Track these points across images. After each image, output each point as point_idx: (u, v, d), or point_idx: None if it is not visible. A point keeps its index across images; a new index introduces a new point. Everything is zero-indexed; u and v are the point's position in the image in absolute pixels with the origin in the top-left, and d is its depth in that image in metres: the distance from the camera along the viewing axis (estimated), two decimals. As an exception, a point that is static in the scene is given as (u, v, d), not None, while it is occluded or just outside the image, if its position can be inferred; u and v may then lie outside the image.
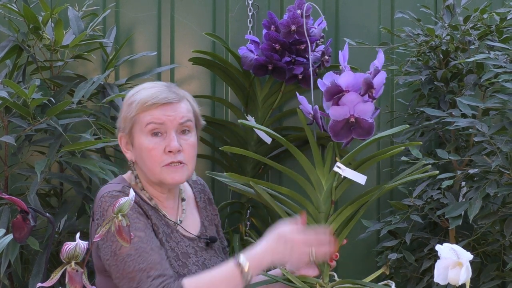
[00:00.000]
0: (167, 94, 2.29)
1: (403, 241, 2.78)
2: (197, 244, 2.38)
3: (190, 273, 2.29)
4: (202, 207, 2.47)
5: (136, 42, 3.21)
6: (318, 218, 2.29)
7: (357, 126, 2.21)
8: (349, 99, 2.19)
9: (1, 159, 2.88)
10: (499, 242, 2.76)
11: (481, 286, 2.75)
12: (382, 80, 2.22)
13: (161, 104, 2.28)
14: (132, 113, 2.29)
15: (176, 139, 2.28)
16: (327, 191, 2.28)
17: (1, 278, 2.72)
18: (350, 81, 2.20)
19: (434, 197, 2.74)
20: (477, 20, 2.84)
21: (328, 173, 2.27)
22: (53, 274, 1.77)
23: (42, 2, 2.89)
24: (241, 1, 3.18)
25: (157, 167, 2.29)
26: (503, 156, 2.56)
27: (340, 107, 2.20)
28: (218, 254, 2.41)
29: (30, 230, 1.94)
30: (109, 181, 2.40)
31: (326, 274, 2.30)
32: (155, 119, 2.28)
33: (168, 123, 2.28)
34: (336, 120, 2.21)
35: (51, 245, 2.83)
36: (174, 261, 2.29)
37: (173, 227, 2.35)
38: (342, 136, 2.22)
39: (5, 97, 2.65)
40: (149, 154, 2.29)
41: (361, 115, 2.20)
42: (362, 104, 2.19)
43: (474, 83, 2.78)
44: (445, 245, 1.95)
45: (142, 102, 2.28)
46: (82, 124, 2.99)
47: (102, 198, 2.25)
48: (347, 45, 2.30)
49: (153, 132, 2.28)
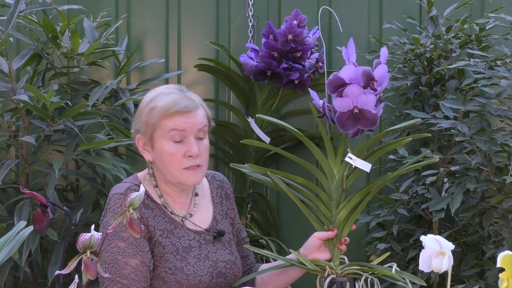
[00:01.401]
0: (187, 102, 2.27)
1: (391, 232, 2.78)
2: (204, 237, 2.36)
3: (188, 265, 2.28)
4: (217, 202, 2.45)
5: (146, 50, 3.21)
6: (330, 205, 2.30)
7: (362, 117, 2.18)
8: (351, 91, 2.17)
9: (23, 157, 2.88)
10: (478, 233, 2.76)
11: (461, 274, 2.75)
12: (384, 73, 2.18)
13: (183, 112, 2.27)
14: (155, 119, 2.26)
15: (196, 144, 2.28)
16: (338, 180, 2.28)
17: (23, 266, 2.72)
18: (352, 74, 2.17)
19: (419, 192, 2.74)
20: (458, 30, 2.84)
21: (340, 163, 2.27)
22: (70, 263, 1.77)
23: (59, 14, 2.89)
24: (242, 12, 3.18)
25: (177, 170, 2.28)
26: (482, 154, 2.57)
27: (343, 98, 2.18)
28: (226, 247, 2.39)
29: (49, 222, 1.94)
30: (123, 180, 2.39)
31: (336, 257, 2.31)
32: (177, 126, 2.26)
33: (188, 129, 2.27)
34: (342, 111, 2.19)
35: (68, 236, 2.82)
36: (173, 256, 2.27)
37: (177, 222, 2.33)
38: (349, 127, 2.20)
39: (26, 100, 2.65)
40: (170, 158, 2.27)
41: (364, 106, 2.17)
42: (364, 96, 2.17)
43: (456, 88, 2.78)
44: (429, 236, 1.94)
45: (165, 109, 2.25)
46: (96, 125, 2.99)
47: (108, 198, 2.28)
48: (352, 42, 2.26)
49: (176, 138, 2.28)
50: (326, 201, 2.30)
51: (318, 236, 2.33)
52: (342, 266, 2.29)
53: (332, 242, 2.31)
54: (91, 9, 3.10)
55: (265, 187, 3.19)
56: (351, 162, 2.22)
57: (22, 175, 2.95)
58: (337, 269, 2.28)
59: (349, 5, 3.12)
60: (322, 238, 2.32)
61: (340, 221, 2.29)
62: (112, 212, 2.25)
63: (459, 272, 2.75)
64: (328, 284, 2.25)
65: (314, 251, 2.34)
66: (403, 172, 2.30)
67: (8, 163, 2.72)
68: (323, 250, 2.34)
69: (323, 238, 2.32)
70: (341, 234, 2.30)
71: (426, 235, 1.95)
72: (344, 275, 2.26)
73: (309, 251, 2.34)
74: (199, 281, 2.27)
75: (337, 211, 2.29)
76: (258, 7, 3.17)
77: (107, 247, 2.19)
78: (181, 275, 2.26)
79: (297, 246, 2.46)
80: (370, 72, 2.16)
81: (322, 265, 2.29)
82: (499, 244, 2.65)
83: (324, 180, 2.30)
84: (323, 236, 2.32)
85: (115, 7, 3.21)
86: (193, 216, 2.37)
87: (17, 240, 2.02)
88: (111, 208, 2.25)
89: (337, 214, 2.29)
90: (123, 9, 3.21)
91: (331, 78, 2.18)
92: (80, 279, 1.81)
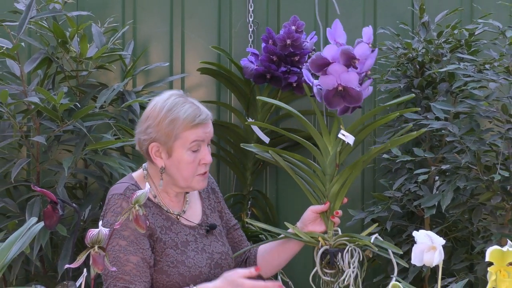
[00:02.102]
0: (205, 114, 2.29)
1: (384, 228, 2.79)
2: (198, 231, 2.37)
3: (188, 258, 2.29)
4: (205, 197, 2.47)
5: (151, 54, 3.21)
6: (324, 180, 2.33)
7: (346, 94, 2.18)
8: (334, 69, 2.17)
9: (34, 157, 2.88)
10: (468, 229, 2.77)
11: (452, 267, 2.75)
12: (365, 51, 2.18)
13: (203, 123, 2.29)
14: (178, 131, 2.26)
15: (209, 152, 2.32)
16: (332, 156, 2.30)
17: (34, 260, 2.72)
18: (334, 53, 2.17)
19: (411, 189, 2.74)
20: (449, 35, 2.84)
21: (335, 140, 2.29)
22: (79, 257, 1.78)
23: (69, 20, 2.89)
24: (243, 19, 3.18)
25: (191, 177, 2.30)
26: (471, 154, 2.57)
27: (327, 76, 2.18)
28: (218, 239, 2.41)
29: (58, 218, 1.94)
30: (118, 181, 2.39)
31: (330, 229, 2.33)
32: (198, 137, 2.28)
33: (206, 139, 2.31)
34: (327, 89, 2.20)
35: (77, 232, 2.82)
36: (173, 250, 2.28)
37: (174, 219, 2.34)
38: (335, 104, 2.21)
39: (37, 102, 2.66)
40: (187, 166, 2.29)
41: (347, 84, 2.17)
42: (346, 74, 2.17)
43: (446, 90, 2.79)
44: (421, 232, 1.95)
45: (188, 121, 2.26)
46: (104, 126, 2.99)
47: (107, 199, 2.29)
48: (337, 23, 2.26)
49: (195, 148, 2.29)
50: (321, 176, 2.33)
51: (312, 210, 2.37)
52: (335, 238, 2.31)
53: (326, 215, 2.34)
54: (99, 15, 3.10)
55: (265, 184, 3.19)
56: (344, 139, 2.24)
57: (33, 174, 2.95)
58: (330, 240, 2.30)
59: (345, 11, 3.13)
60: (316, 211, 2.36)
61: (333, 194, 2.32)
62: (112, 212, 2.25)
63: (450, 266, 2.75)
64: (322, 254, 2.27)
65: (309, 224, 2.38)
66: (386, 148, 2.32)
67: (20, 162, 2.73)
68: (318, 223, 2.37)
69: (317, 211, 2.35)
70: (333, 207, 2.33)
71: (418, 230, 1.95)
72: (336, 246, 2.28)
73: (305, 224, 2.38)
74: (200, 272, 2.29)
75: (331, 185, 2.32)
76: (258, 14, 3.18)
77: (109, 246, 2.20)
78: (183, 268, 2.27)
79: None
80: (350, 50, 2.15)
81: (316, 237, 2.32)
82: (487, 239, 2.65)
83: (319, 156, 2.33)
84: (317, 209, 2.35)
85: (121, 13, 3.21)
86: (186, 212, 2.38)
87: (29, 236, 2.03)
88: (111, 208, 2.25)
89: (331, 188, 2.32)
90: (130, 15, 3.21)
91: (314, 57, 2.19)
92: (88, 273, 1.82)
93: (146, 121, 2.30)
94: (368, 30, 2.20)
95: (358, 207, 3.11)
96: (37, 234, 2.43)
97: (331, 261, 2.25)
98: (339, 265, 2.25)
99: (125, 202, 2.25)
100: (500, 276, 1.78)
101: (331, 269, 2.26)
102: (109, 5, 3.19)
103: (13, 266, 2.77)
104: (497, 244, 2.16)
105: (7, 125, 2.89)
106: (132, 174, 2.38)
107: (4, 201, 2.81)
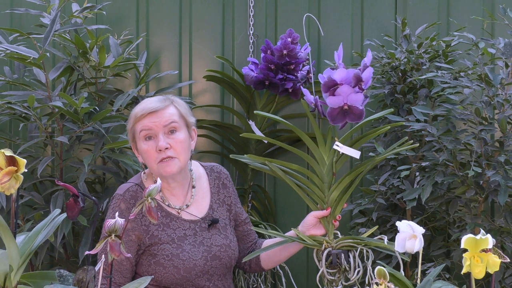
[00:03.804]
0: (153, 105, 2.28)
1: (371, 218, 2.78)
2: (200, 225, 2.35)
3: (184, 252, 2.28)
4: (214, 192, 2.44)
5: (162, 63, 3.21)
6: (323, 188, 2.31)
7: (350, 112, 2.18)
8: (343, 91, 2.17)
9: (57, 155, 2.88)
10: (445, 219, 2.76)
11: (431, 254, 2.75)
12: (370, 74, 2.20)
13: (148, 113, 2.27)
14: (130, 125, 2.31)
15: (163, 139, 2.26)
16: (328, 165, 2.28)
17: (57, 247, 2.72)
18: (343, 76, 2.18)
19: (395, 184, 2.74)
20: (428, 46, 2.84)
21: (329, 150, 2.27)
22: (98, 244, 1.78)
23: (89, 32, 2.89)
24: (244, 31, 3.18)
25: (154, 164, 2.28)
26: (448, 152, 2.57)
27: (336, 97, 2.18)
28: (221, 232, 2.38)
29: (80, 210, 1.94)
30: (130, 179, 2.40)
31: (331, 232, 2.31)
32: (144, 126, 2.27)
33: (155, 128, 2.27)
34: (333, 107, 2.19)
35: (96, 222, 2.83)
36: (169, 245, 2.27)
37: (174, 215, 2.32)
38: (338, 121, 2.21)
39: (61, 106, 2.66)
40: (147, 155, 2.28)
41: (353, 103, 2.17)
42: (354, 95, 2.17)
43: (426, 95, 2.78)
44: (403, 222, 1.95)
45: (135, 115, 2.30)
46: (120, 127, 2.99)
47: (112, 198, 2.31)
48: (341, 47, 2.28)
49: (146, 137, 2.27)
50: (319, 184, 2.31)
51: (314, 215, 2.32)
52: (337, 240, 2.29)
53: (327, 220, 2.31)
54: (115, 29, 3.10)
55: (264, 179, 3.19)
56: (338, 149, 2.23)
57: (57, 170, 2.95)
58: (332, 243, 2.27)
59: (335, 24, 3.12)
60: (318, 216, 2.32)
61: (333, 200, 2.30)
62: (111, 209, 2.27)
63: (429, 252, 2.75)
64: (325, 256, 2.25)
65: (311, 228, 2.34)
66: (385, 156, 2.32)
67: (45, 159, 2.72)
68: (318, 227, 2.34)
69: (319, 216, 2.31)
70: (334, 212, 2.30)
71: (400, 221, 1.95)
72: (339, 248, 2.26)
73: (306, 228, 2.34)
74: (194, 264, 2.27)
75: (329, 192, 2.29)
76: (258, 27, 3.17)
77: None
78: (177, 261, 2.26)
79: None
80: (360, 74, 2.17)
81: (319, 240, 2.30)
82: (462, 228, 2.65)
83: (316, 166, 2.30)
84: (319, 215, 2.31)
85: (136, 27, 3.21)
86: (189, 206, 2.36)
87: (53, 225, 2.03)
88: (111, 206, 2.29)
89: (330, 195, 2.30)
90: (143, 28, 3.20)
91: (326, 80, 2.19)
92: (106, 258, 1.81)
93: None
94: (370, 54, 2.24)
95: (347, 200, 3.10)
96: (61, 224, 2.43)
97: (334, 261, 2.24)
98: (342, 265, 2.23)
99: (123, 202, 2.26)
100: (474, 261, 1.78)
101: (333, 269, 2.25)
102: (124, 19, 3.19)
103: (39, 252, 2.77)
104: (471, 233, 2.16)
105: (34, 127, 2.90)
106: (141, 173, 2.38)
107: (31, 194, 2.81)
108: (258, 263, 2.47)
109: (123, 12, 3.19)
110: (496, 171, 2.50)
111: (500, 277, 2.57)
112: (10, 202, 2.75)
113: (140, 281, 1.86)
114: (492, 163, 2.55)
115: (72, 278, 1.85)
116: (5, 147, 1.93)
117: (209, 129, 3.12)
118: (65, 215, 2.03)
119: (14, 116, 2.85)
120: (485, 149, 2.57)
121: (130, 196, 2.29)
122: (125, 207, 2.27)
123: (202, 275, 2.29)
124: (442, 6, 3.08)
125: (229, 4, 3.18)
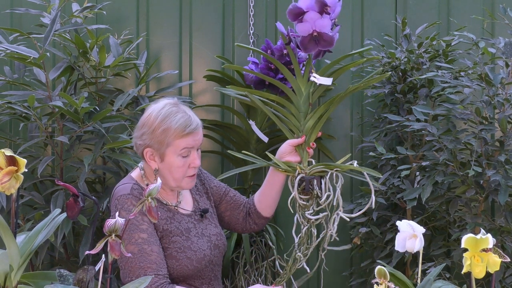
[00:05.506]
0: (195, 123, 2.29)
1: (371, 218, 2.78)
2: (194, 218, 2.39)
3: (193, 243, 2.30)
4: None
5: (162, 63, 3.21)
6: (299, 117, 2.39)
7: (321, 39, 2.24)
8: (310, 17, 2.22)
9: (58, 154, 2.88)
10: (445, 219, 2.76)
11: (431, 253, 2.75)
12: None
13: (193, 132, 2.28)
14: (169, 139, 2.26)
15: (198, 157, 2.32)
16: (305, 96, 2.36)
17: (58, 247, 2.72)
18: (308, 3, 2.22)
19: (395, 183, 2.74)
20: (428, 46, 2.84)
21: (307, 82, 2.35)
22: (98, 244, 1.78)
23: (89, 32, 2.89)
24: (244, 31, 3.18)
25: (181, 178, 2.31)
26: (448, 152, 2.57)
27: (303, 23, 2.23)
28: (211, 221, 2.43)
29: (80, 210, 1.94)
30: (121, 181, 2.38)
31: (305, 159, 2.40)
32: (188, 145, 2.28)
33: (195, 146, 2.31)
34: (303, 36, 2.23)
35: (96, 222, 2.83)
36: (179, 237, 2.29)
37: (173, 210, 2.34)
38: (310, 49, 2.27)
39: (61, 106, 2.66)
40: (178, 170, 2.29)
41: (322, 29, 2.22)
42: (320, 20, 2.21)
43: (426, 95, 2.78)
44: (404, 221, 1.95)
45: (179, 131, 2.26)
46: (120, 127, 2.99)
47: (116, 199, 2.27)
48: None
49: (185, 154, 2.29)
50: (296, 114, 2.39)
51: (289, 143, 2.40)
52: (310, 167, 2.36)
53: (301, 147, 2.38)
54: (115, 28, 3.10)
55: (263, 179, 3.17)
56: (315, 81, 2.29)
57: (57, 170, 2.95)
58: (306, 169, 2.33)
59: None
60: (293, 144, 2.39)
61: (308, 129, 2.37)
62: (125, 210, 2.24)
63: (429, 252, 2.75)
64: (298, 182, 2.30)
65: (286, 155, 2.41)
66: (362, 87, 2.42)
67: (45, 159, 2.72)
68: (293, 154, 2.41)
69: (294, 144, 2.39)
70: (309, 140, 2.38)
71: (401, 220, 1.95)
72: (312, 174, 2.30)
73: (282, 156, 2.42)
74: (204, 255, 2.31)
75: (305, 121, 2.37)
76: (258, 27, 3.17)
77: (131, 241, 2.19)
78: (190, 252, 2.28)
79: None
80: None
81: (293, 166, 2.37)
82: (462, 228, 2.65)
83: (293, 96, 2.38)
84: (294, 143, 2.39)
85: (136, 26, 3.20)
86: (181, 203, 2.39)
87: (53, 225, 2.03)
88: (123, 207, 2.25)
89: (305, 123, 2.37)
90: (143, 28, 3.20)
91: (291, 7, 2.25)
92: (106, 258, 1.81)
93: (141, 128, 2.30)
94: None
95: (347, 199, 3.10)
96: (61, 224, 2.43)
97: (306, 187, 2.28)
98: (314, 191, 2.27)
99: (135, 199, 2.26)
100: (474, 261, 1.78)
101: (306, 195, 2.31)
102: (125, 19, 3.19)
103: (39, 252, 2.77)
104: (471, 232, 2.17)
105: (34, 127, 2.90)
106: (131, 174, 2.38)
107: (32, 194, 2.81)
108: (258, 214, 2.52)
109: (123, 12, 3.19)
110: (497, 171, 2.50)
111: (501, 276, 2.57)
112: (10, 202, 2.74)
113: (140, 281, 1.86)
114: (493, 163, 2.55)
115: (73, 278, 1.85)
116: (5, 147, 1.93)
117: (209, 128, 3.12)
118: (65, 215, 2.03)
119: (14, 116, 2.85)
120: (485, 148, 2.57)
121: (138, 193, 2.30)
122: (137, 203, 2.29)
123: (208, 265, 2.34)
124: (442, 6, 3.08)
125: (229, 4, 3.18)
